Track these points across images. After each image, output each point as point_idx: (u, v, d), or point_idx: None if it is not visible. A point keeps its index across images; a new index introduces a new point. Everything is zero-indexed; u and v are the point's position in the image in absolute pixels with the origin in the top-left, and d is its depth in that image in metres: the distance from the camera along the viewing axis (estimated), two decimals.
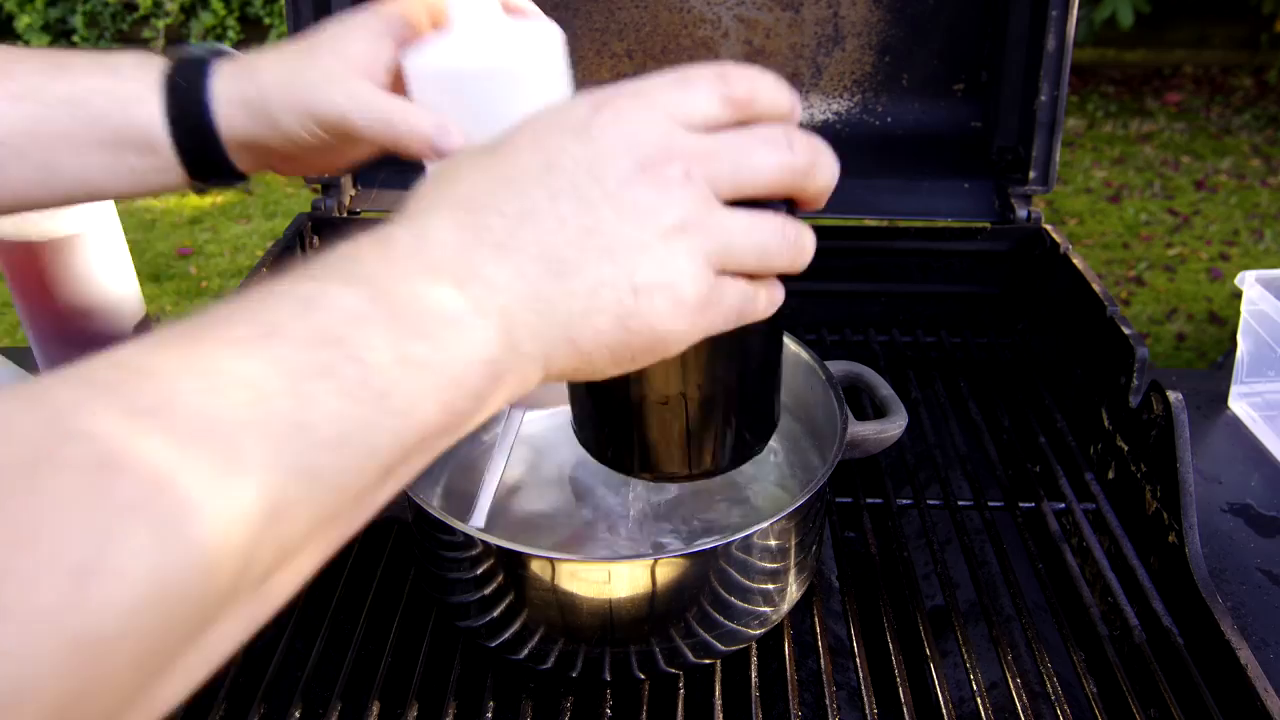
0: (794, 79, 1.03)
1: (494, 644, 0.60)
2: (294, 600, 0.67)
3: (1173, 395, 0.70)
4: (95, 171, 0.50)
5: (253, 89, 0.50)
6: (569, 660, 0.59)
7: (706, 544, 0.55)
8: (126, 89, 0.49)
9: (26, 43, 4.36)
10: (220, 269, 2.85)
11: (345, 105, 0.49)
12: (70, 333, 0.78)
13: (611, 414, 0.47)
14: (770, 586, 0.60)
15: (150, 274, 2.81)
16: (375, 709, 0.59)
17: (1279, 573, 0.72)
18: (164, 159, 0.51)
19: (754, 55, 1.02)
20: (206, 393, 0.27)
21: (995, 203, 0.99)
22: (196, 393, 0.27)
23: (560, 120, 0.36)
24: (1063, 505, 0.77)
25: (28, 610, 0.22)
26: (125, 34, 4.52)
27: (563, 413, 0.56)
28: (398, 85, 0.51)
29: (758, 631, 0.62)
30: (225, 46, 0.53)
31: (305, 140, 0.51)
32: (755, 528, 0.55)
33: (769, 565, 0.59)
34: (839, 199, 1.08)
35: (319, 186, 0.99)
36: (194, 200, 3.25)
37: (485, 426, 0.74)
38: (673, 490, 0.70)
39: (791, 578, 0.62)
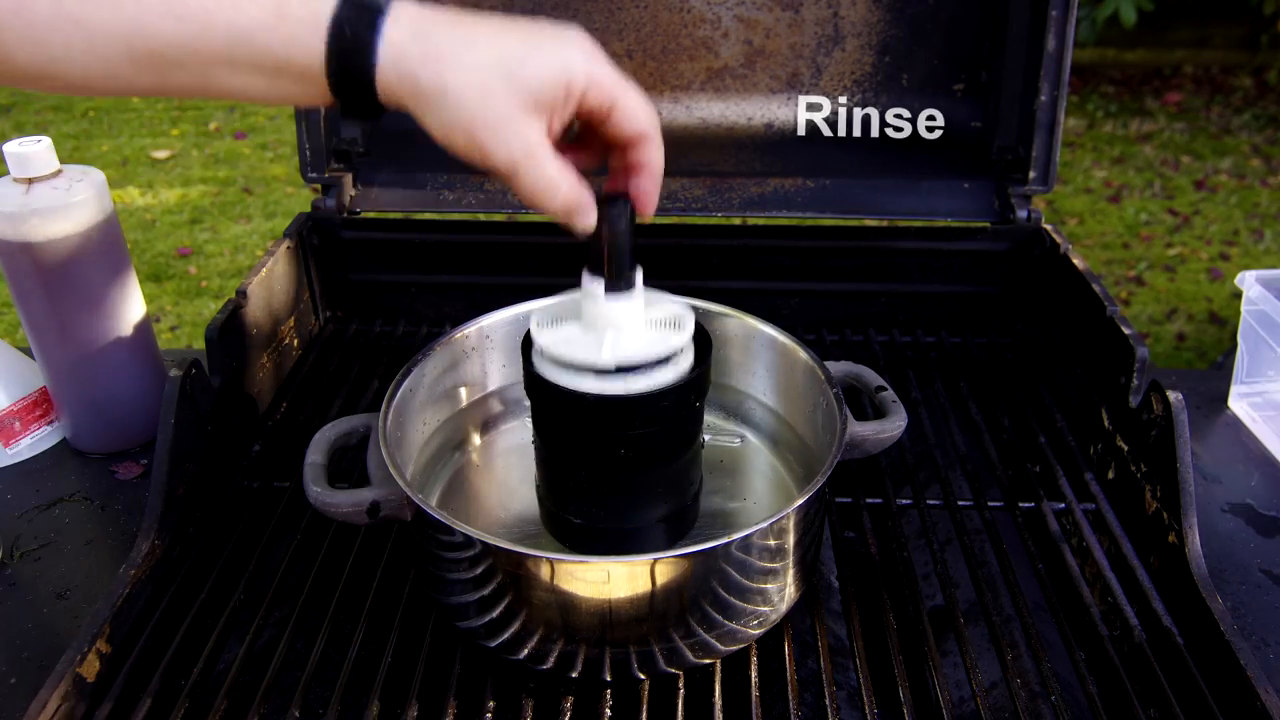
0: (794, 79, 1.03)
1: (494, 644, 0.60)
2: (294, 601, 0.67)
3: (1173, 395, 0.70)
4: (252, 89, 0.51)
5: (427, 74, 0.50)
6: (569, 660, 0.59)
7: (706, 544, 0.55)
8: (288, 29, 0.50)
9: None
10: (220, 269, 2.85)
11: (516, 159, 0.50)
12: (70, 333, 0.78)
13: None
14: (770, 586, 0.60)
15: (150, 274, 2.81)
16: (375, 709, 0.59)
17: (1279, 573, 0.72)
18: (320, 90, 0.52)
19: (754, 55, 1.02)
20: None
21: (995, 203, 0.99)
22: None
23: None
24: (1063, 505, 0.77)
25: None
26: None
27: None
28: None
29: (758, 631, 0.62)
30: None
31: (453, 143, 0.51)
32: (755, 528, 0.55)
33: (769, 565, 0.59)
34: (839, 199, 1.08)
35: (319, 186, 0.98)
36: (194, 200, 3.25)
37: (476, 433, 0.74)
38: None
39: (791, 578, 0.62)
